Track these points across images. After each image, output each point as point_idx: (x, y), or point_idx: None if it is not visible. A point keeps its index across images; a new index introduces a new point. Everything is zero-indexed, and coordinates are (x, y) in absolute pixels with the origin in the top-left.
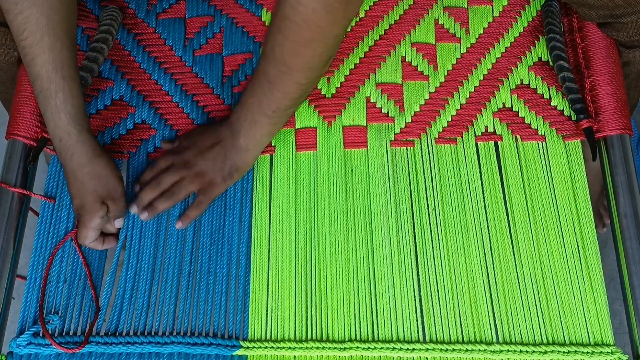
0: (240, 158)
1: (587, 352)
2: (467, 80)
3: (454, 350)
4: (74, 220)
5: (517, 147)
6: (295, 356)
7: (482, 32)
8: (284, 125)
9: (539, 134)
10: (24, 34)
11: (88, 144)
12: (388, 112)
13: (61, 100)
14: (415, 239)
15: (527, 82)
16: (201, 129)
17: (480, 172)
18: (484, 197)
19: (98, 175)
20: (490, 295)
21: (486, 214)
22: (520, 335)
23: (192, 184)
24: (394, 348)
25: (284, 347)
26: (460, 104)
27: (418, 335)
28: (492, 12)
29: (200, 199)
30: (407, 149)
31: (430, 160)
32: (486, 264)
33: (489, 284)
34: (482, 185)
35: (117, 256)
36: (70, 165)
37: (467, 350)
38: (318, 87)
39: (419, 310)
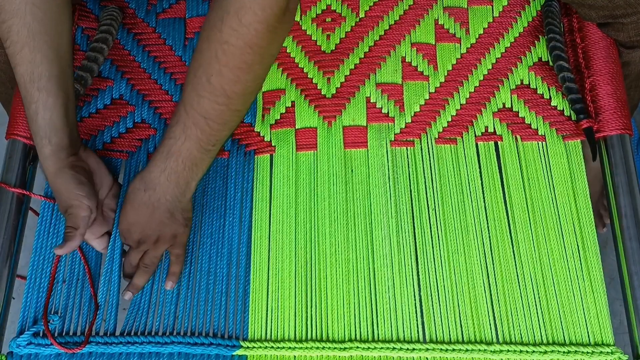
0: (182, 204)
1: (587, 352)
2: (467, 80)
3: (454, 350)
4: None
5: (517, 147)
6: (295, 356)
7: (482, 32)
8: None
9: (539, 134)
10: (7, 42)
11: (51, 159)
12: (388, 112)
13: (33, 111)
14: (415, 239)
15: (527, 82)
16: (125, 206)
17: (480, 172)
18: (484, 197)
19: (57, 189)
20: (490, 295)
21: (486, 214)
22: (520, 335)
23: (158, 249)
24: (394, 348)
25: (284, 347)
26: (460, 104)
27: (418, 335)
28: (492, 12)
29: (176, 253)
30: (407, 149)
31: (430, 161)
32: (486, 264)
33: (489, 284)
34: (482, 185)
35: (111, 257)
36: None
37: (467, 350)
38: (318, 87)
39: (419, 310)
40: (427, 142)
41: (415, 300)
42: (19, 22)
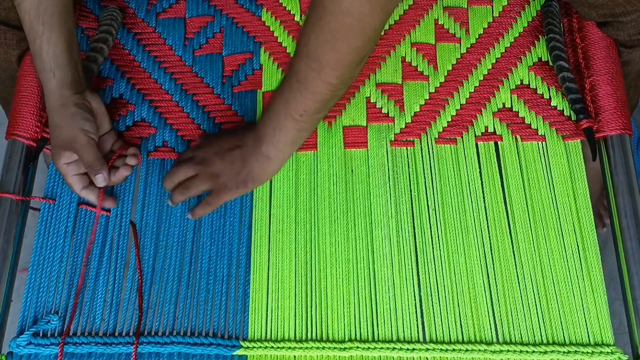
0: (259, 166)
1: (587, 352)
2: (467, 80)
3: (454, 350)
4: (73, 220)
5: (517, 147)
6: (295, 356)
7: (482, 33)
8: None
9: (539, 134)
10: None
11: (55, 94)
12: (388, 112)
13: (37, 47)
14: (415, 239)
15: (527, 82)
16: (228, 130)
17: (480, 172)
18: (484, 197)
19: (59, 125)
20: (490, 295)
21: (486, 214)
22: (520, 335)
23: (205, 183)
24: (394, 348)
25: (284, 347)
26: (460, 104)
27: (418, 335)
28: (492, 12)
29: (209, 200)
30: (407, 149)
31: (430, 161)
32: (486, 264)
33: (489, 284)
34: (482, 185)
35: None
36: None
37: (467, 350)
38: None
39: (419, 310)
40: (427, 142)
41: (415, 300)
42: None
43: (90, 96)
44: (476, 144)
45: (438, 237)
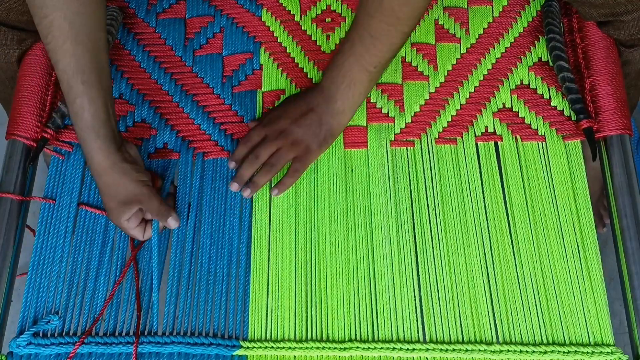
0: (336, 121)
1: (587, 352)
2: (467, 80)
3: (454, 350)
4: (73, 220)
5: (517, 147)
6: (295, 356)
7: (482, 33)
8: None
9: (539, 134)
10: (48, 37)
11: (103, 152)
12: (388, 112)
13: (78, 106)
14: (415, 239)
15: (527, 82)
16: (290, 98)
17: (480, 172)
18: (484, 197)
19: (115, 183)
20: (490, 295)
21: (486, 214)
22: (520, 335)
23: (290, 152)
24: (394, 348)
25: (284, 347)
26: (460, 104)
27: (418, 335)
28: (492, 12)
29: (296, 167)
30: (407, 149)
31: (430, 161)
32: (486, 264)
33: (489, 284)
34: (482, 185)
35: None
36: (91, 171)
37: (467, 350)
38: None
39: (419, 310)
40: (427, 142)
41: (415, 300)
42: (61, 16)
43: (128, 146)
44: (476, 144)
45: (438, 237)
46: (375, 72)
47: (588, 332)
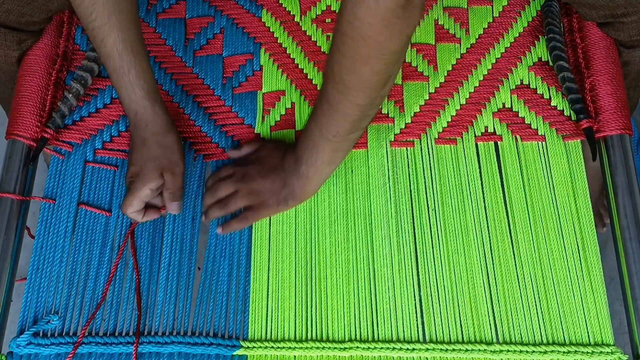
0: (299, 185)
1: (587, 352)
2: (467, 80)
3: (454, 350)
4: (73, 220)
5: (517, 147)
6: (295, 356)
7: (482, 33)
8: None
9: (539, 134)
10: (92, 15)
11: (162, 117)
12: (388, 112)
13: (134, 76)
14: (415, 239)
15: (527, 82)
16: (271, 146)
17: (480, 172)
18: (484, 197)
19: (166, 145)
20: (490, 295)
21: (486, 214)
22: (520, 335)
23: (244, 199)
24: (394, 348)
25: (284, 347)
26: (460, 105)
27: (418, 335)
28: (492, 13)
29: (246, 215)
30: (407, 150)
31: (430, 161)
32: (486, 264)
33: (489, 284)
34: (482, 185)
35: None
36: (141, 135)
37: (467, 350)
38: (318, 88)
39: (419, 310)
40: (427, 143)
41: (415, 300)
42: None
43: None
44: (476, 144)
45: (438, 237)
46: (335, 141)
47: (588, 332)
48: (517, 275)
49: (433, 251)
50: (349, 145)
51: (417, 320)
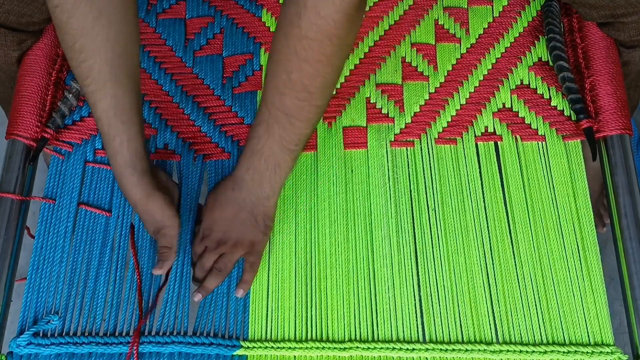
0: (267, 206)
1: (587, 352)
2: (467, 80)
3: (454, 350)
4: (73, 220)
5: (517, 147)
6: (295, 356)
7: (482, 33)
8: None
9: (539, 134)
10: (87, 80)
11: (140, 186)
12: (388, 112)
13: (118, 143)
14: (415, 239)
15: (527, 82)
16: (212, 202)
17: (480, 172)
18: (484, 197)
19: (149, 212)
20: (490, 295)
21: (486, 214)
22: (520, 335)
23: (236, 254)
24: (394, 348)
25: (284, 347)
26: (460, 105)
27: (418, 335)
28: (492, 13)
29: (251, 261)
30: (407, 150)
31: (430, 161)
32: (486, 264)
33: (489, 284)
34: (482, 185)
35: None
36: (128, 200)
37: (467, 350)
38: None
39: (419, 310)
40: (427, 143)
41: (415, 300)
42: (101, 60)
43: (159, 172)
44: (476, 144)
45: (438, 237)
46: (297, 149)
47: (588, 332)
48: (517, 275)
49: (433, 251)
50: (302, 149)
51: (417, 321)
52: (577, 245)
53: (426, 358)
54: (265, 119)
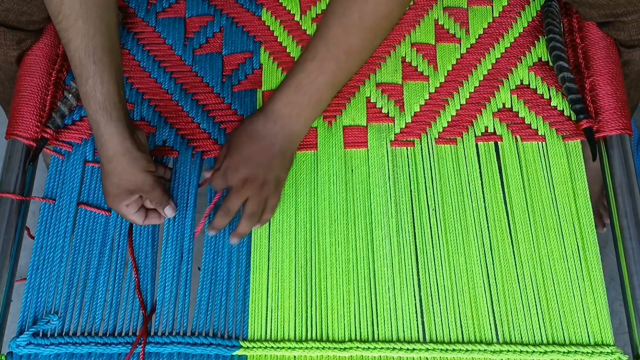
0: (295, 144)
1: (587, 352)
2: (467, 80)
3: (454, 350)
4: (73, 220)
5: (517, 148)
6: (295, 356)
7: (482, 33)
8: None
9: (539, 134)
10: (59, 17)
11: (117, 137)
12: (388, 112)
13: (90, 87)
14: (415, 239)
15: (527, 83)
16: (241, 138)
17: (480, 172)
18: (484, 197)
19: (124, 170)
20: (490, 295)
21: (486, 214)
22: (520, 335)
23: (262, 195)
24: (394, 348)
25: (283, 347)
26: (460, 105)
27: (418, 335)
28: (492, 13)
29: (273, 203)
30: (407, 149)
31: (430, 161)
32: (486, 264)
33: (489, 284)
34: (482, 185)
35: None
36: (100, 156)
37: (467, 350)
38: None
39: (419, 310)
40: (427, 142)
41: (415, 300)
42: None
43: (138, 132)
44: (476, 144)
45: (438, 237)
46: (339, 88)
47: (588, 332)
48: (517, 275)
49: (433, 251)
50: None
51: (417, 320)
52: (577, 245)
53: (426, 358)
54: (321, 57)
